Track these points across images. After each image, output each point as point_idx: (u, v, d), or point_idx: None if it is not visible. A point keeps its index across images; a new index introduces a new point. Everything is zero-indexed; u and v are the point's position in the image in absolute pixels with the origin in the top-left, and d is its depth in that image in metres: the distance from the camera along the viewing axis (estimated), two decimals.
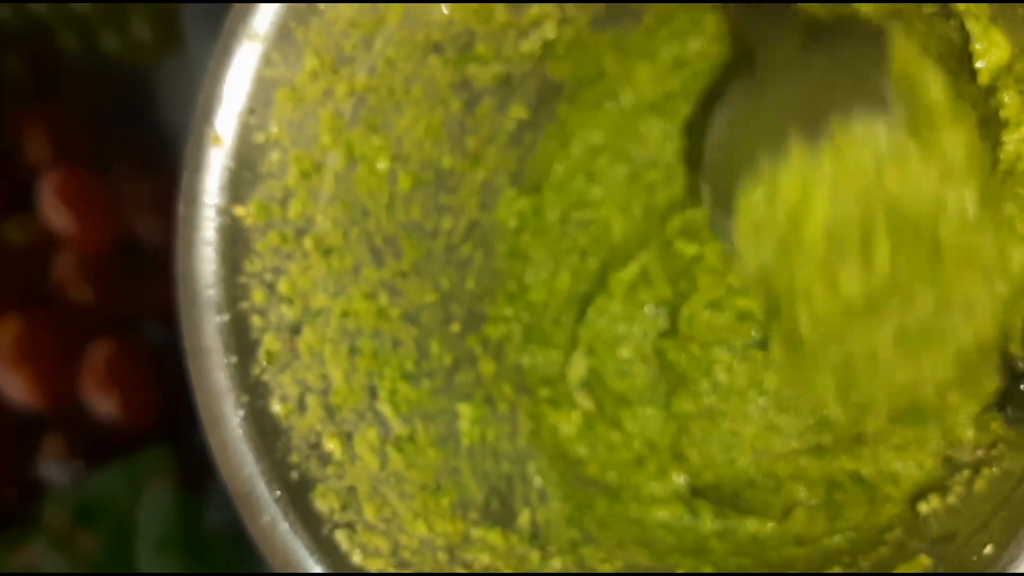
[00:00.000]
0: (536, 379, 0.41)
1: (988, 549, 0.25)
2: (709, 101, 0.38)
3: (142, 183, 0.83)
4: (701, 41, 0.39)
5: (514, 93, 0.38)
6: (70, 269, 0.79)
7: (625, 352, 0.41)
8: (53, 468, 0.76)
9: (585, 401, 0.41)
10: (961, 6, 0.28)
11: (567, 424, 0.40)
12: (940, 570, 0.26)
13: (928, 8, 0.32)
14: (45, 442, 0.76)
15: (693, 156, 0.40)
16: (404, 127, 0.35)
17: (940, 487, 0.32)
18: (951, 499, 0.30)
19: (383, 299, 0.35)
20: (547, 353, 0.41)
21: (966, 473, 0.31)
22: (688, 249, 0.38)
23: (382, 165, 0.35)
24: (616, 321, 0.41)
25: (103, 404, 0.77)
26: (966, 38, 0.29)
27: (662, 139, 0.41)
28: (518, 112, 0.39)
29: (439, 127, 0.36)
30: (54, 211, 0.79)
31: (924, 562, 0.27)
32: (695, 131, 0.41)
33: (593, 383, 0.41)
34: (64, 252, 0.80)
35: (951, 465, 0.31)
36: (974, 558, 0.26)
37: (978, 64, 0.29)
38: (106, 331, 0.81)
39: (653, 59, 0.40)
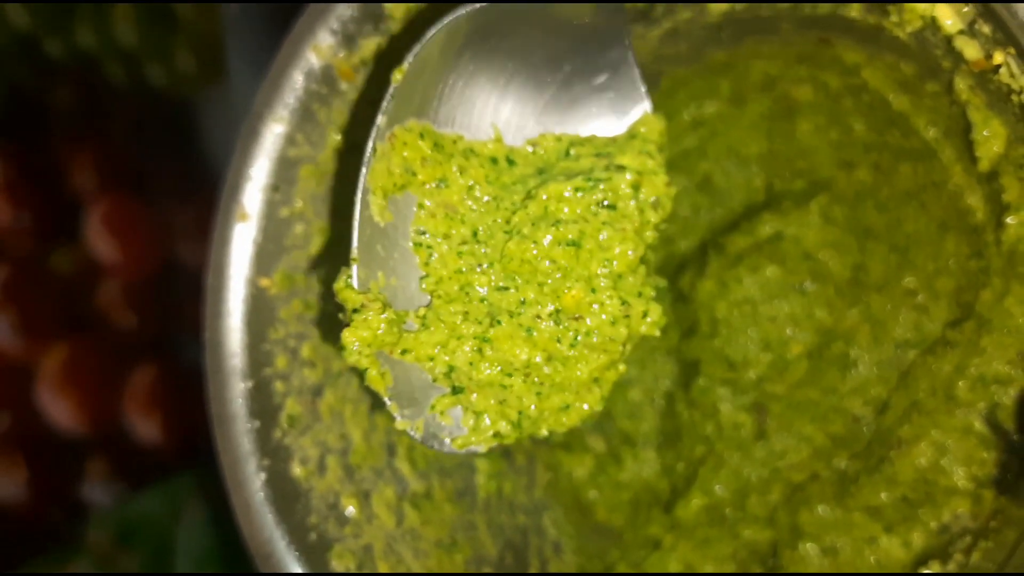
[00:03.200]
0: None
1: None
2: None
3: (184, 210, 0.85)
4: (718, 104, 0.40)
5: None
6: (114, 296, 0.82)
7: (635, 395, 0.42)
8: (97, 490, 0.79)
9: (596, 443, 0.42)
10: (964, 95, 0.28)
11: (580, 468, 0.41)
12: None
13: (932, 86, 0.32)
14: (89, 465, 0.78)
15: None
16: None
17: (943, 554, 0.32)
18: (951, 567, 0.31)
19: None
20: None
21: (967, 540, 0.32)
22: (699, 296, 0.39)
23: None
24: (627, 364, 0.42)
25: (145, 428, 0.79)
26: (968, 125, 0.29)
27: (680, 194, 0.42)
28: None
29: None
30: (100, 240, 0.81)
31: None
32: None
33: (604, 424, 0.42)
34: (108, 279, 0.83)
35: (950, 534, 0.32)
36: None
37: (978, 155, 0.30)
38: (147, 354, 0.83)
39: (671, 119, 0.41)
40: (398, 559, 0.32)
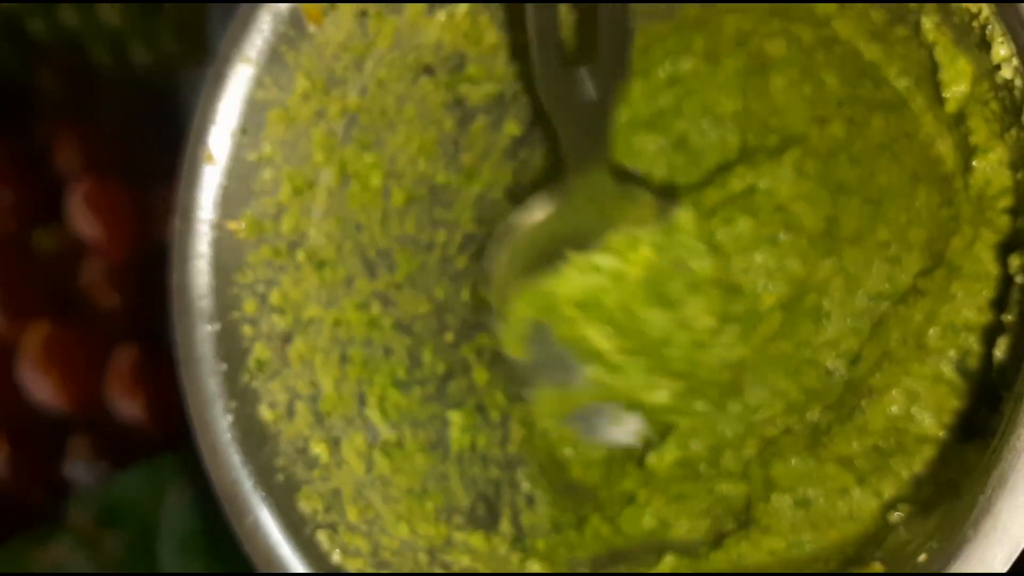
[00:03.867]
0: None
1: (922, 557, 0.26)
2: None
3: (168, 191, 0.85)
4: (693, 60, 0.40)
5: (507, 110, 0.39)
6: (98, 276, 0.82)
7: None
8: (79, 469, 0.78)
9: None
10: (931, 35, 0.28)
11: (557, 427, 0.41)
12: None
13: (901, 31, 0.32)
14: (71, 443, 0.78)
15: None
16: (397, 145, 0.36)
17: (912, 499, 0.32)
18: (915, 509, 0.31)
19: (376, 309, 0.37)
20: None
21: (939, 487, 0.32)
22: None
23: (375, 182, 0.36)
24: None
25: (128, 407, 0.79)
26: (935, 66, 0.30)
27: (656, 153, 0.42)
28: (512, 129, 0.40)
29: (432, 145, 0.38)
30: (83, 219, 0.81)
31: (877, 568, 0.28)
32: None
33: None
34: (92, 259, 0.82)
35: (919, 484, 0.32)
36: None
37: (946, 94, 0.30)
38: (131, 336, 0.83)
39: (647, 77, 0.41)
40: (366, 504, 0.32)
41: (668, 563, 0.34)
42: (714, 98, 0.41)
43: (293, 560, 0.28)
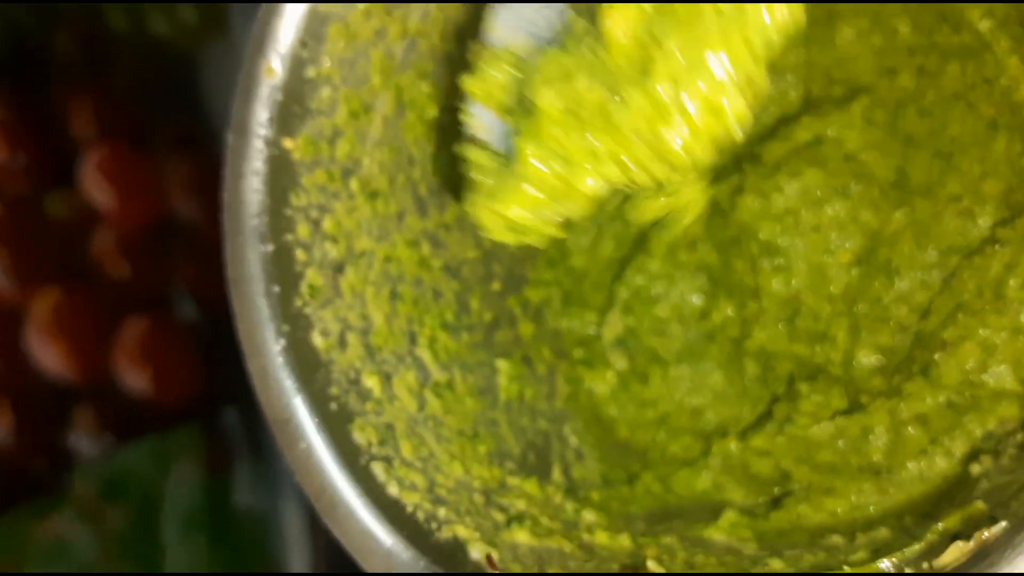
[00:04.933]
0: (572, 340, 0.40)
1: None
2: None
3: (183, 163, 0.84)
4: None
5: None
6: (109, 245, 0.80)
7: (662, 311, 0.40)
8: (83, 440, 0.76)
9: (619, 360, 0.40)
10: None
11: (601, 384, 0.39)
12: (997, 513, 0.25)
13: None
14: (76, 414, 0.76)
15: None
16: (454, 80, 0.35)
17: (993, 451, 0.31)
18: (1004, 460, 0.30)
19: (425, 249, 0.35)
20: (584, 314, 0.40)
21: (1020, 437, 0.30)
22: (740, 215, 0.37)
23: (431, 113, 0.35)
24: (654, 280, 0.40)
25: (135, 379, 0.77)
26: None
27: None
28: None
29: None
30: (96, 187, 0.79)
31: (980, 507, 0.26)
32: None
33: (628, 341, 0.40)
34: (104, 228, 0.81)
35: (995, 441, 0.31)
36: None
37: None
38: (141, 308, 0.81)
39: None
40: (420, 441, 0.30)
41: (727, 520, 0.33)
42: None
43: (347, 490, 0.27)
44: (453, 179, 0.34)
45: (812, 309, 0.36)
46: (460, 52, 0.35)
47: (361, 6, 0.31)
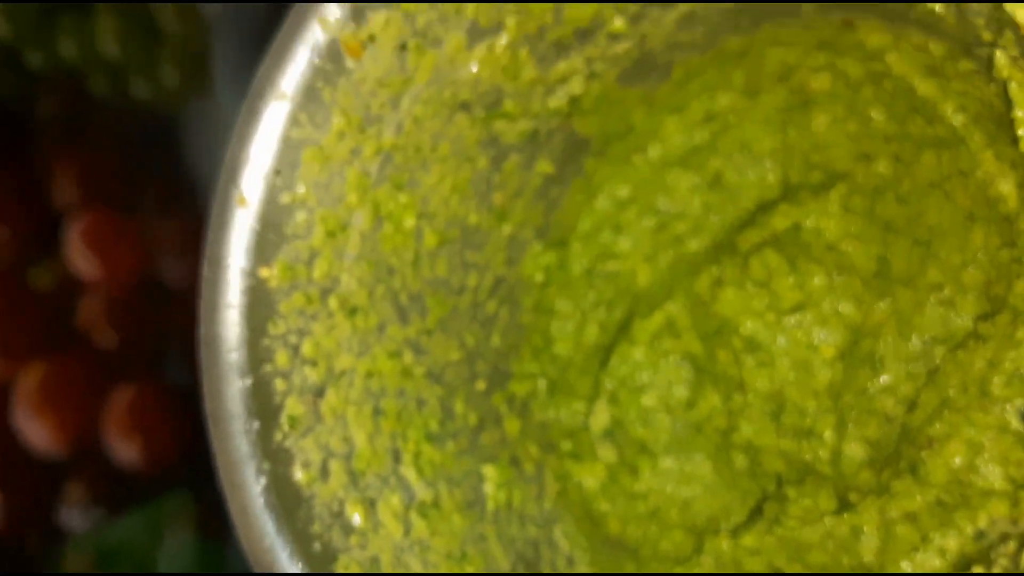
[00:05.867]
0: (560, 432, 0.40)
1: None
2: None
3: (167, 225, 0.83)
4: (731, 96, 0.39)
5: (541, 148, 0.38)
6: (95, 313, 0.80)
7: (648, 401, 0.40)
8: (75, 514, 0.76)
9: (608, 452, 0.40)
10: (1005, 71, 0.27)
11: (590, 478, 0.39)
12: None
13: (965, 65, 0.31)
14: (67, 488, 0.75)
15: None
16: (431, 184, 0.35)
17: (985, 559, 0.30)
18: (996, 570, 0.29)
19: (408, 358, 0.35)
20: (570, 404, 0.40)
21: (1010, 545, 0.30)
22: (721, 308, 0.37)
23: (408, 223, 0.35)
24: (639, 369, 0.40)
25: (125, 449, 0.77)
26: (1008, 104, 0.28)
27: (690, 191, 0.41)
28: (544, 167, 0.38)
29: (466, 184, 0.36)
30: (80, 256, 0.79)
31: None
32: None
33: (616, 432, 0.40)
34: (89, 296, 0.80)
35: (988, 540, 0.30)
36: None
37: (1021, 132, 0.28)
38: (128, 373, 0.81)
39: (682, 113, 0.40)
40: (406, 570, 0.30)
41: None
42: (752, 134, 0.39)
43: None
44: None
45: (797, 405, 0.36)
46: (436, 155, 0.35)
47: (335, 129, 0.30)
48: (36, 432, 0.74)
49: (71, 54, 0.86)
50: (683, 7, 0.33)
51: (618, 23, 0.34)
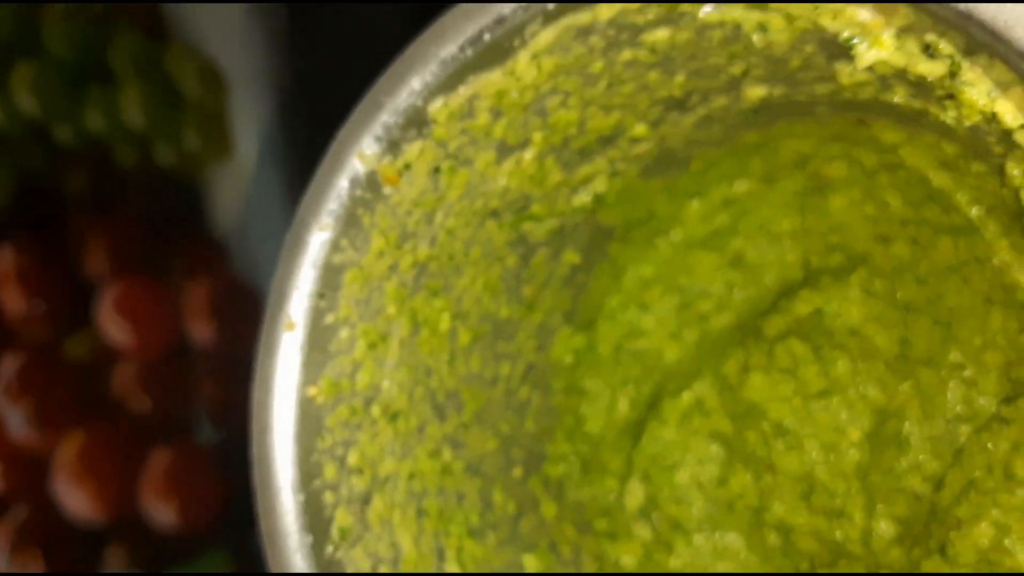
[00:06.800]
0: (595, 511, 0.41)
1: None
2: None
3: (195, 287, 0.85)
4: (749, 182, 0.40)
5: (567, 241, 0.39)
6: (129, 380, 0.81)
7: (681, 478, 0.41)
8: None
9: (643, 530, 0.41)
10: (1017, 181, 0.28)
11: (627, 556, 0.40)
12: None
13: (977, 166, 0.32)
14: (107, 554, 0.77)
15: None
16: (463, 287, 0.36)
17: None
18: None
19: (447, 454, 0.36)
20: (604, 482, 0.41)
21: None
22: (749, 393, 0.38)
23: (444, 325, 0.36)
24: (671, 447, 0.41)
25: (162, 512, 0.78)
26: (1021, 207, 0.29)
27: (712, 271, 0.42)
28: (571, 258, 0.40)
29: (496, 282, 0.37)
30: (113, 324, 0.81)
31: None
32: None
33: (650, 510, 0.41)
34: (123, 364, 0.82)
35: None
36: None
37: None
38: (163, 437, 0.82)
39: (702, 198, 0.41)
40: None
41: None
42: (771, 217, 0.41)
43: None
44: None
45: (826, 486, 0.37)
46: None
47: (374, 249, 0.32)
48: (76, 501, 0.76)
49: (98, 126, 0.88)
50: (701, 111, 0.35)
51: (639, 129, 0.35)
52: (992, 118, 0.25)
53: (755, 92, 0.33)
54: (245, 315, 0.58)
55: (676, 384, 0.42)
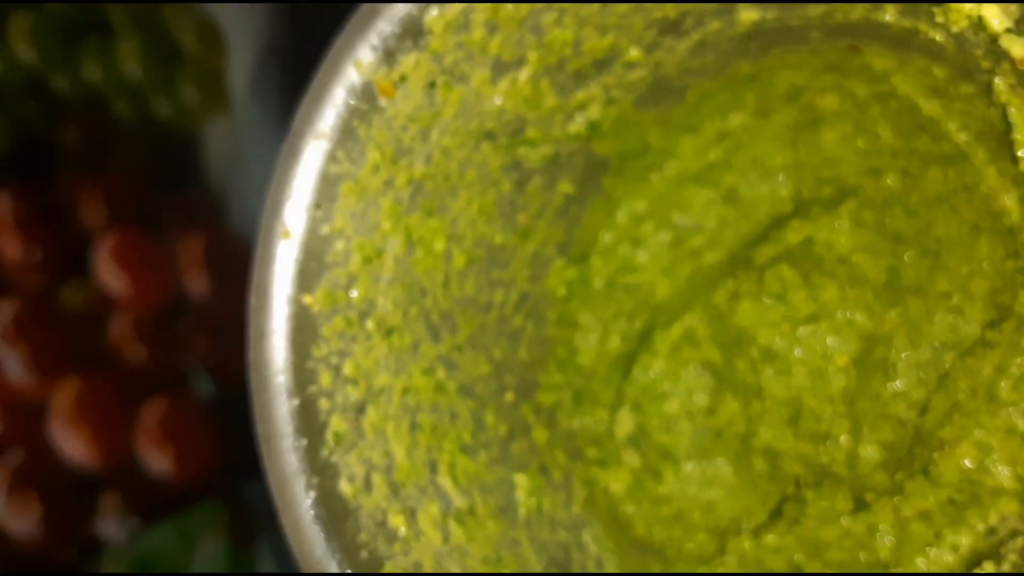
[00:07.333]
0: (585, 440, 0.42)
1: None
2: None
3: (191, 241, 0.85)
4: (743, 116, 0.40)
5: (562, 170, 0.39)
6: (125, 330, 0.82)
7: (670, 408, 0.42)
8: (110, 525, 0.78)
9: (632, 458, 0.41)
10: (1004, 96, 0.29)
11: (616, 483, 0.41)
12: None
13: (966, 88, 0.33)
14: (102, 500, 0.78)
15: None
16: (459, 209, 0.37)
17: (995, 555, 0.32)
18: (1006, 567, 0.31)
19: (440, 373, 0.37)
20: (595, 412, 0.42)
21: (1020, 541, 0.32)
22: (738, 320, 0.39)
23: (439, 246, 0.36)
24: (661, 378, 0.42)
25: (158, 461, 0.79)
26: (1008, 125, 0.30)
27: (705, 206, 0.42)
28: (565, 187, 0.40)
29: (491, 207, 0.38)
30: (109, 274, 0.81)
31: None
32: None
33: (640, 439, 0.42)
34: (119, 313, 0.82)
35: (998, 536, 0.32)
36: None
37: (1020, 153, 0.30)
38: (158, 388, 0.83)
39: (696, 132, 0.41)
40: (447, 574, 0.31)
41: None
42: (764, 151, 0.41)
43: None
44: None
45: (813, 411, 0.38)
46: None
47: (369, 163, 0.32)
48: (72, 446, 0.76)
49: (95, 78, 0.88)
50: (695, 35, 0.35)
51: (634, 53, 0.35)
52: (979, 23, 0.26)
53: (748, 15, 0.34)
54: (240, 269, 0.59)
55: (667, 317, 0.42)
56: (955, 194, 0.36)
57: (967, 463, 0.34)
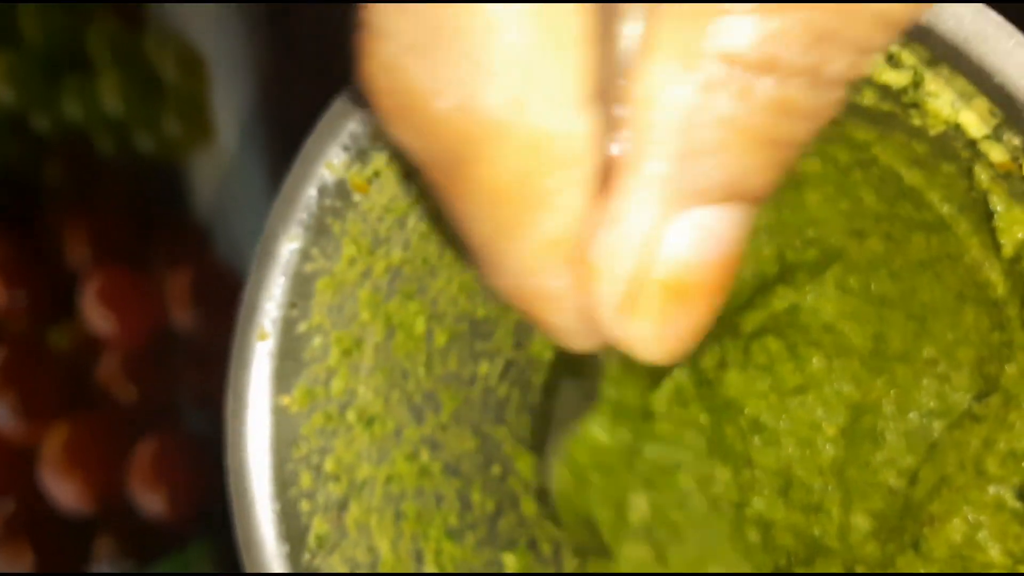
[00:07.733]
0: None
1: None
2: None
3: (177, 276, 0.85)
4: None
5: None
6: (114, 369, 0.81)
7: (684, 481, 0.41)
8: (105, 569, 0.78)
9: (640, 550, 0.41)
10: (984, 184, 0.28)
11: (617, 568, 0.40)
12: None
13: (947, 167, 0.32)
14: (96, 544, 0.77)
15: None
16: (438, 288, 0.36)
17: None
18: None
19: (424, 456, 0.36)
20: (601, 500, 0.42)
21: None
22: (726, 390, 0.39)
23: (419, 328, 0.36)
24: (667, 444, 0.41)
25: (151, 501, 0.78)
26: (988, 208, 0.29)
27: None
28: None
29: (472, 282, 0.37)
30: (96, 314, 0.81)
31: None
32: None
33: (653, 524, 0.41)
34: (107, 353, 0.82)
35: None
36: None
37: (1001, 240, 0.29)
38: (150, 425, 0.82)
39: None
40: None
41: None
42: None
43: None
44: None
45: (804, 482, 0.38)
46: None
47: (345, 256, 0.32)
48: (64, 491, 0.76)
49: (76, 115, 0.87)
50: None
51: None
52: (957, 128, 0.25)
53: None
54: (227, 300, 0.58)
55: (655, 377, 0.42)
56: (939, 261, 0.36)
57: (957, 538, 0.34)
